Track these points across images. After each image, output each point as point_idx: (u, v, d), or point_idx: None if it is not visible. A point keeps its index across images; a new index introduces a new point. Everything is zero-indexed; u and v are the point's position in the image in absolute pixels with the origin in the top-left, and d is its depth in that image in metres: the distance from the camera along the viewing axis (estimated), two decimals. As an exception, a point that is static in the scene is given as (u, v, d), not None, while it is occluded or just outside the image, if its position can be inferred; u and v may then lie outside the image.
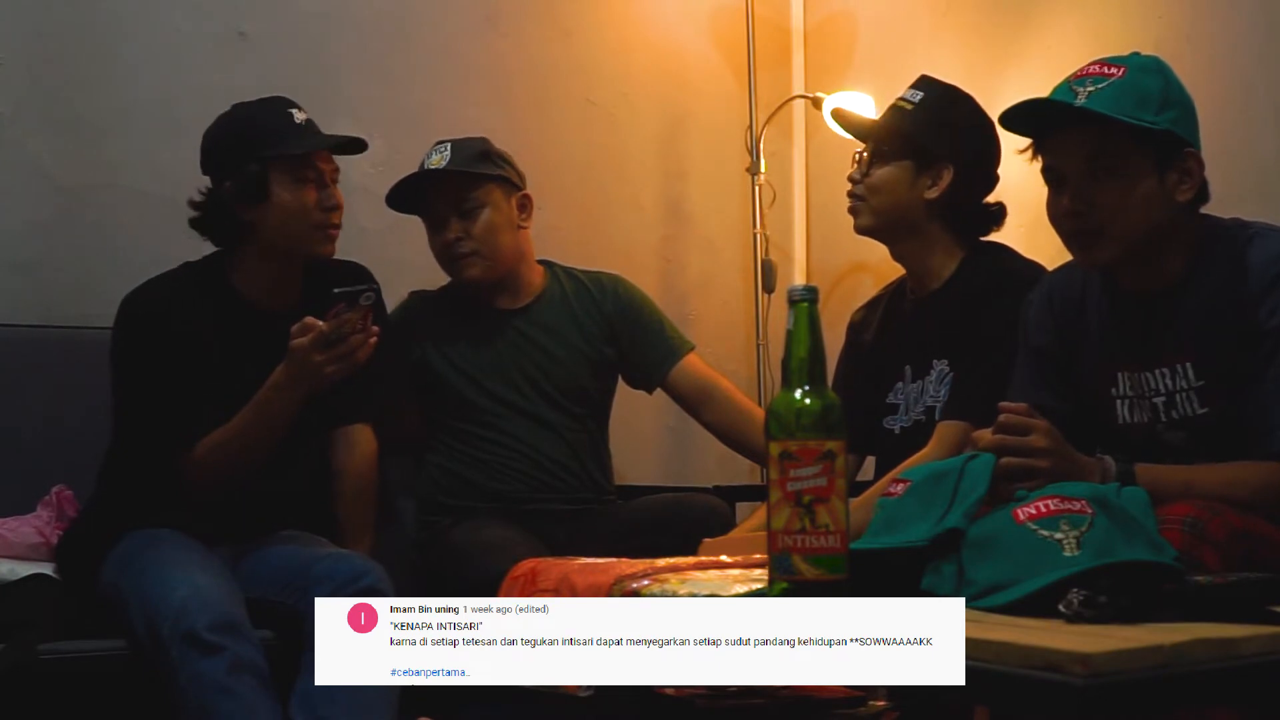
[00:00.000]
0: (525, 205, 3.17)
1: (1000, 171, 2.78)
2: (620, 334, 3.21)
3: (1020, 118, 2.23)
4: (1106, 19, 3.17)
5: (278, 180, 2.68)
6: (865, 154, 2.81)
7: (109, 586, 2.57)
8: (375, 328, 2.62)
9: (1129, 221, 2.15)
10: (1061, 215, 2.21)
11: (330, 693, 2.38)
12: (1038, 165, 2.24)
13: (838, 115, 3.09)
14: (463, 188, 3.08)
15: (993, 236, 2.82)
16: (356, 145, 2.79)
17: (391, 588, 2.53)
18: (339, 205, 2.76)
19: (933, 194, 2.72)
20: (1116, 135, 2.12)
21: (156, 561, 2.52)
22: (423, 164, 3.11)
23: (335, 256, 2.96)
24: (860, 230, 2.81)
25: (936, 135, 2.73)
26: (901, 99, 2.78)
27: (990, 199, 2.79)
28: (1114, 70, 2.14)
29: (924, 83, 2.80)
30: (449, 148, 3.08)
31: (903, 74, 2.80)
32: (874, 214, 2.77)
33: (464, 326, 3.18)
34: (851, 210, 2.81)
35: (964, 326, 2.66)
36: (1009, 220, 2.82)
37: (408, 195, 3.13)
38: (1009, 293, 2.57)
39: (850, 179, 2.82)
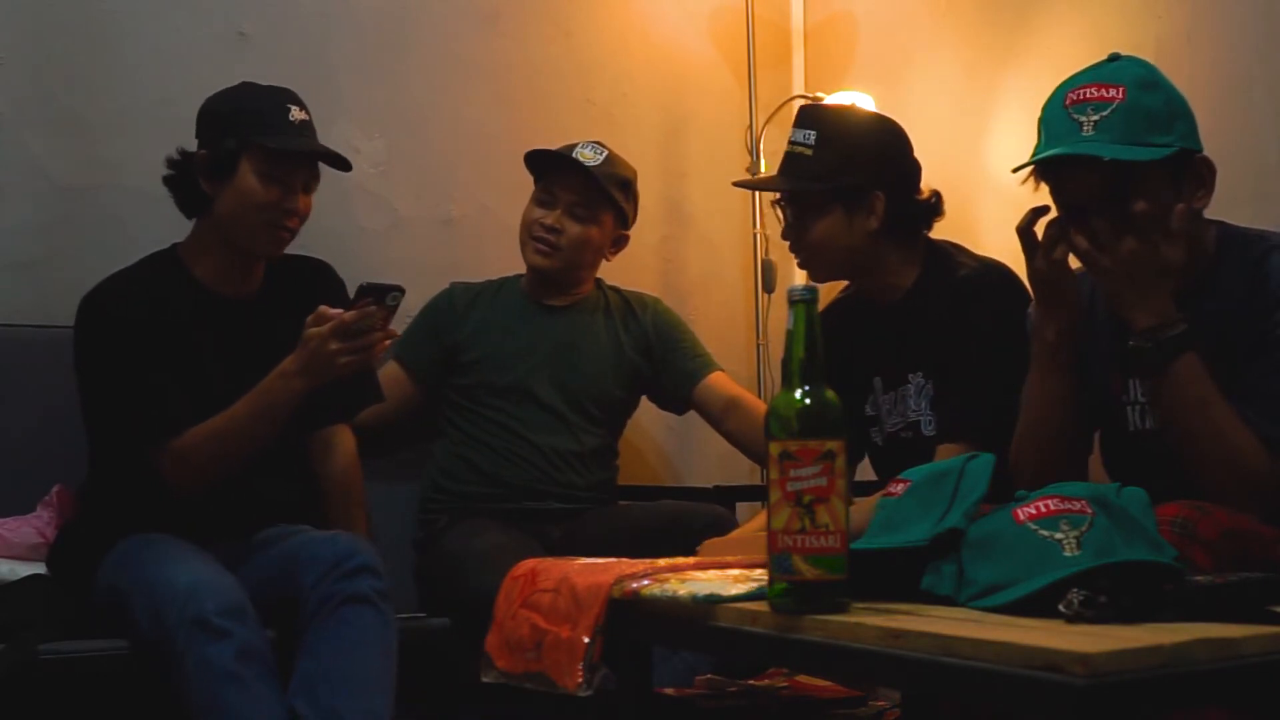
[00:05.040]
0: (620, 243, 3.26)
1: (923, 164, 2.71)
2: (655, 346, 3.27)
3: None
4: (1106, 19, 3.17)
5: (248, 166, 2.66)
6: (784, 208, 2.72)
7: (107, 590, 2.55)
8: (393, 330, 2.62)
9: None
10: None
11: (330, 677, 2.38)
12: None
13: (742, 186, 3.16)
14: (590, 194, 3.14)
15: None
16: (339, 162, 2.77)
17: (382, 567, 2.51)
18: (300, 212, 2.72)
19: (873, 224, 2.63)
20: (1132, 164, 2.08)
21: (158, 556, 2.51)
22: (573, 148, 3.15)
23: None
24: (821, 282, 2.71)
25: (852, 169, 2.64)
26: (795, 144, 2.67)
27: (922, 188, 2.71)
28: (1113, 92, 2.08)
29: (809, 118, 2.70)
30: (605, 156, 3.15)
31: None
32: (828, 266, 2.71)
33: (503, 314, 3.24)
34: (802, 266, 2.75)
35: (938, 341, 2.61)
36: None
37: (540, 158, 3.19)
38: (975, 301, 2.56)
39: (784, 238, 2.75)
